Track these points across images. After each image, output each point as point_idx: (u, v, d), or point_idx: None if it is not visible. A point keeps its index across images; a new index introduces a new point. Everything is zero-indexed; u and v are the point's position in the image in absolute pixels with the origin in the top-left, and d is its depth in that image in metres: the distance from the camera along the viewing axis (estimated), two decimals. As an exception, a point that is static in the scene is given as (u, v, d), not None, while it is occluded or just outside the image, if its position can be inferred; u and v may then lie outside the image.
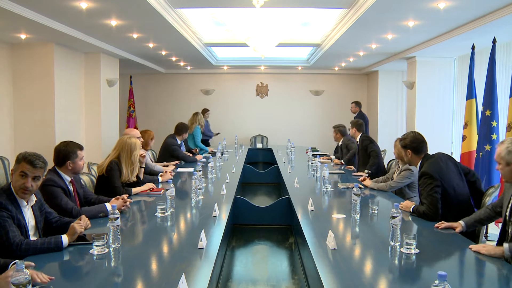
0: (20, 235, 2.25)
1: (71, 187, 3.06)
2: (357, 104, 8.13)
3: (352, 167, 5.62)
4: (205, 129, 8.48)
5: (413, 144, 3.20)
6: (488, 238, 5.45)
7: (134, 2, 4.29)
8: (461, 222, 2.68)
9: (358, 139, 5.53)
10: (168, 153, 5.97)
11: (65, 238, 2.28)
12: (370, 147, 5.23)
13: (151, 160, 5.26)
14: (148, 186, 3.87)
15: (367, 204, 3.13)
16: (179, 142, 6.19)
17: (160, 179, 4.32)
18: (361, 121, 5.70)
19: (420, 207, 3.00)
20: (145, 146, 4.97)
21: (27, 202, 2.42)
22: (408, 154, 3.24)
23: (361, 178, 4.36)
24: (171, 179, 4.40)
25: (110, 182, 3.57)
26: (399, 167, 4.10)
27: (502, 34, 5.21)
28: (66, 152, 2.98)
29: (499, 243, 2.39)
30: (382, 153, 5.61)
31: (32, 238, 2.43)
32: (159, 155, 6.08)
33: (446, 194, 2.96)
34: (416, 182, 3.69)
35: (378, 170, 5.10)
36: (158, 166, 5.01)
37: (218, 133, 9.49)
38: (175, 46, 7.01)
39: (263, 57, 5.54)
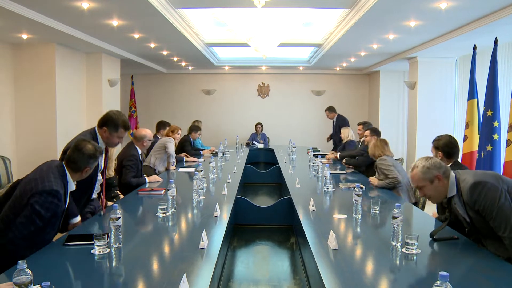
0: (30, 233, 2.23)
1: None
2: (330, 109, 8.09)
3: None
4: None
5: (446, 148, 3.12)
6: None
7: (135, 2, 4.29)
8: None
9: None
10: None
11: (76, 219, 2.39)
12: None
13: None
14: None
15: (369, 204, 3.13)
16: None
17: (147, 180, 4.35)
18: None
19: None
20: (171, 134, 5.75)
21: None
22: (439, 156, 3.13)
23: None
24: (160, 180, 4.42)
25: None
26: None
27: (503, 34, 5.20)
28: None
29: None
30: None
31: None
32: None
33: None
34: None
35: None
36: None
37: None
38: (177, 46, 7.02)
39: (265, 57, 5.54)
